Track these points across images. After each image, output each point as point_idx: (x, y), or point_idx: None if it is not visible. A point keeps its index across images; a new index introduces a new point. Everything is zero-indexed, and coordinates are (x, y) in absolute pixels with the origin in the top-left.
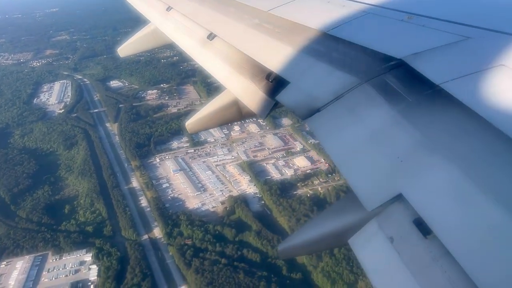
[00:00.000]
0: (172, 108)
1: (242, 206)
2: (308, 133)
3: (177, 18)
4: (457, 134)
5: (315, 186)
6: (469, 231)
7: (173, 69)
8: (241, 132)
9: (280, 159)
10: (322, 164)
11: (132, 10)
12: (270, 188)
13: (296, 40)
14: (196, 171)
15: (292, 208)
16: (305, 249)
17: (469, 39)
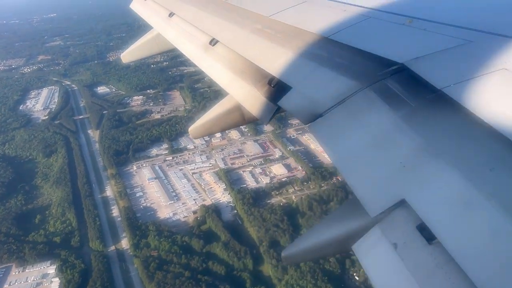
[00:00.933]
0: (156, 114)
1: (213, 216)
2: (288, 140)
3: (180, 24)
4: (460, 139)
5: (289, 194)
6: (474, 237)
7: (161, 74)
8: (222, 138)
9: (257, 167)
10: (299, 172)
11: (128, 15)
12: (244, 197)
13: (298, 45)
14: (172, 179)
15: (262, 218)
16: (308, 255)
17: (471, 42)
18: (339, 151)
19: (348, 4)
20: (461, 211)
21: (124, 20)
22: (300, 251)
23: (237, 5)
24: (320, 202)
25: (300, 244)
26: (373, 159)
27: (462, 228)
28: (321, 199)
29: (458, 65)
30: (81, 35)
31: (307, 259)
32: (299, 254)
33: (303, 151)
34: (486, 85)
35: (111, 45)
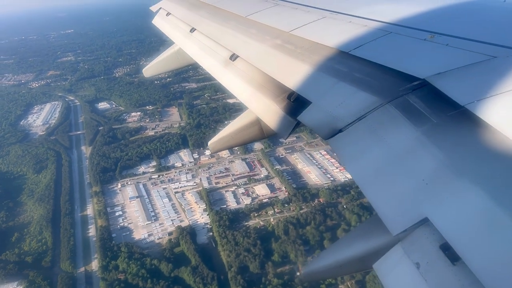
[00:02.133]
0: (150, 131)
1: (186, 238)
2: (276, 159)
3: (201, 39)
4: (484, 156)
5: (269, 217)
6: (500, 258)
7: (162, 90)
8: (210, 156)
9: (241, 187)
10: (282, 192)
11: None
12: (220, 218)
13: (318, 60)
14: (154, 198)
15: (235, 241)
16: (328, 273)
17: (494, 58)
18: (360, 167)
19: (368, 20)
20: (486, 230)
21: (136, 36)
22: (320, 269)
23: (257, 21)
24: (296, 226)
25: (320, 261)
26: (394, 176)
27: (488, 248)
28: (298, 223)
29: (481, 81)
30: (92, 50)
31: (326, 277)
32: (319, 272)
33: (290, 171)
34: (511, 102)
35: (119, 61)
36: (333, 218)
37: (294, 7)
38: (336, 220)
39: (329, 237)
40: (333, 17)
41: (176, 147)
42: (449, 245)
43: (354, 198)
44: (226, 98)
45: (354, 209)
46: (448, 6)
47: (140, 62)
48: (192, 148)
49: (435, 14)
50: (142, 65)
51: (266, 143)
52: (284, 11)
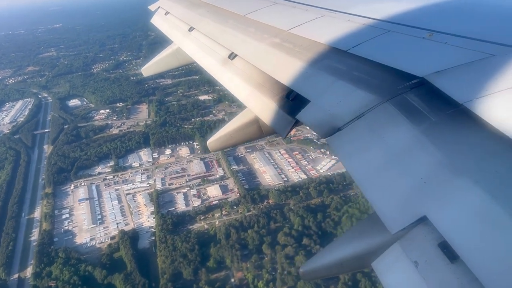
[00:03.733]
0: (115, 129)
1: (126, 243)
2: (235, 158)
3: (199, 38)
4: (483, 154)
5: (215, 219)
6: (499, 257)
7: (136, 87)
8: (170, 156)
9: (194, 188)
10: (234, 193)
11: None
12: (164, 222)
13: (316, 59)
14: (104, 200)
15: (174, 246)
16: (327, 271)
17: (493, 56)
18: (358, 166)
19: (367, 18)
20: (485, 229)
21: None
22: (319, 267)
23: (256, 19)
24: (239, 229)
25: (318, 260)
26: (393, 175)
27: (487, 247)
28: (241, 226)
29: (480, 79)
30: (76, 45)
31: (325, 275)
32: (317, 270)
33: (246, 171)
34: (509, 99)
35: (100, 56)
36: (277, 220)
37: (293, 5)
38: (280, 223)
39: (269, 241)
40: (332, 15)
41: (137, 146)
42: (447, 244)
43: (302, 199)
44: (198, 95)
45: (299, 211)
46: (446, 4)
47: (120, 57)
48: (153, 147)
49: (433, 12)
50: (121, 60)
51: None
52: (283, 9)
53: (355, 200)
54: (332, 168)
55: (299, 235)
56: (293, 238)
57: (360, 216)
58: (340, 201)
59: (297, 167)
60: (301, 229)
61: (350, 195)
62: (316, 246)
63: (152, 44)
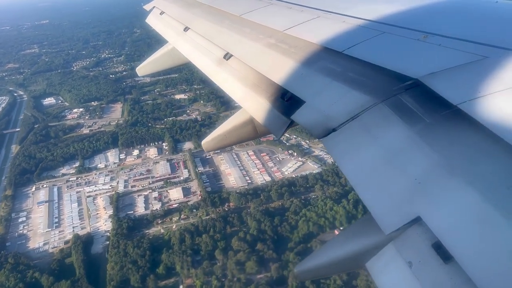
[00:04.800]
0: (85, 129)
1: (79, 248)
2: (202, 160)
3: (194, 38)
4: (476, 156)
5: (172, 223)
6: (492, 257)
7: (114, 85)
8: (137, 157)
9: (156, 190)
10: (196, 196)
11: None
12: (120, 226)
13: (311, 60)
14: (64, 203)
15: (125, 251)
16: (321, 272)
17: (486, 58)
18: (353, 166)
19: (362, 19)
20: (478, 229)
21: (108, 27)
22: (313, 268)
23: (251, 20)
24: (194, 234)
25: (313, 260)
26: (387, 175)
27: (480, 247)
28: (197, 231)
29: (474, 81)
30: (59, 42)
31: (319, 276)
32: (312, 271)
33: (211, 172)
34: (503, 101)
35: (82, 53)
36: (234, 225)
37: (288, 6)
38: (237, 227)
39: (223, 246)
40: (327, 16)
41: (105, 147)
42: (441, 244)
43: (262, 202)
44: (175, 94)
45: (256, 215)
46: (441, 6)
47: (102, 55)
48: (121, 148)
49: (428, 14)
50: (103, 58)
51: (196, 143)
52: (278, 10)
53: (315, 203)
54: (298, 170)
55: (253, 240)
56: (247, 243)
57: (317, 220)
58: (299, 204)
59: (262, 169)
60: (256, 233)
61: (310, 198)
62: (269, 251)
63: (136, 41)
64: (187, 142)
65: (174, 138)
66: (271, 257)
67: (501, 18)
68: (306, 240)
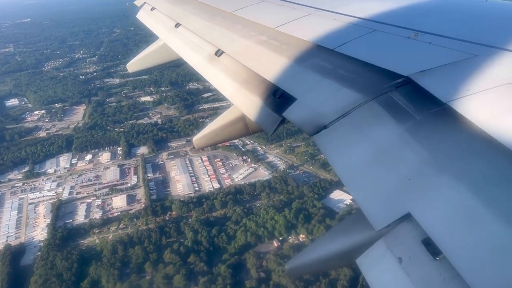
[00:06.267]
0: (43, 132)
1: (6, 259)
2: (155, 165)
3: (186, 35)
4: (466, 153)
5: (109, 233)
6: (480, 253)
7: (81, 86)
8: (89, 162)
9: (100, 197)
10: (140, 204)
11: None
12: (54, 235)
13: (303, 57)
14: (4, 210)
15: (52, 264)
16: (312, 268)
17: (476, 56)
18: (344, 163)
19: (353, 17)
20: (467, 226)
21: (88, 27)
22: (304, 264)
23: (243, 17)
24: (127, 245)
25: (304, 257)
26: (378, 172)
27: (468, 243)
28: (131, 242)
29: (463, 79)
30: (35, 42)
31: (310, 272)
32: (303, 267)
33: (160, 179)
34: (492, 99)
35: (57, 53)
36: (170, 235)
37: (280, 3)
38: (174, 238)
39: (154, 258)
40: (319, 14)
41: (59, 151)
42: (431, 240)
43: (205, 211)
44: (141, 96)
45: (194, 225)
46: (431, 5)
47: (76, 55)
48: (75, 152)
49: (419, 12)
50: (76, 58)
51: (151, 147)
52: (270, 7)
53: (257, 212)
54: (249, 177)
55: (187, 251)
56: (179, 255)
57: (256, 230)
58: (241, 213)
59: (213, 176)
60: (191, 245)
61: (255, 206)
62: (201, 264)
63: (113, 42)
64: (142, 147)
65: (129, 143)
66: (201, 270)
67: (490, 17)
68: (242, 251)
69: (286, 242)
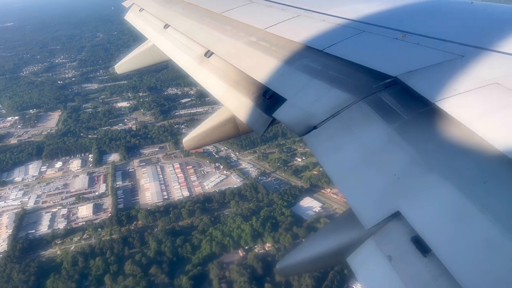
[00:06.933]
0: (14, 139)
1: None
2: (125, 173)
3: (175, 36)
4: (453, 151)
5: (72, 244)
6: (468, 249)
7: (58, 92)
8: (59, 169)
9: (66, 207)
10: (107, 214)
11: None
12: (14, 247)
13: (292, 58)
14: None
15: (9, 277)
16: (303, 267)
17: (462, 57)
18: (334, 163)
19: (342, 18)
20: (455, 223)
21: (71, 31)
22: (295, 264)
23: (232, 18)
24: (88, 256)
25: (294, 256)
26: (367, 171)
27: (456, 240)
28: (92, 253)
29: (450, 79)
30: (16, 46)
31: (301, 272)
32: (294, 267)
33: (129, 187)
34: (478, 98)
35: (37, 58)
36: (134, 246)
37: (269, 5)
38: (138, 248)
39: (115, 269)
40: (308, 15)
41: (28, 159)
42: (420, 238)
43: (171, 220)
44: (118, 102)
45: (159, 235)
46: (419, 6)
47: (56, 60)
48: (45, 160)
49: (406, 14)
50: (56, 63)
51: (122, 155)
52: (259, 8)
53: (224, 221)
54: (220, 184)
55: (149, 263)
56: (141, 266)
57: (221, 239)
58: (208, 222)
59: (184, 183)
60: (153, 256)
61: (223, 215)
62: (162, 275)
63: (95, 46)
64: (114, 154)
65: (101, 150)
66: (162, 282)
67: (475, 18)
68: (206, 262)
69: (252, 252)
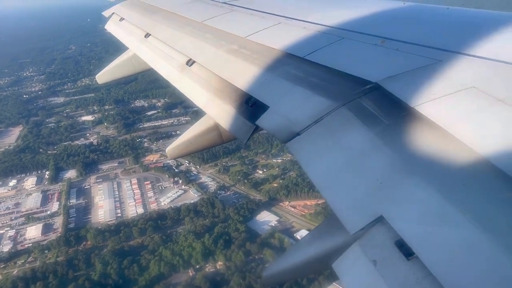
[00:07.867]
0: None
1: None
2: (79, 190)
3: (156, 45)
4: (434, 155)
5: (15, 268)
6: (450, 252)
7: (22, 106)
8: (13, 188)
9: (14, 228)
10: (57, 234)
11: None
12: None
13: (274, 65)
14: None
15: None
16: (289, 275)
17: (440, 62)
18: (317, 169)
19: (322, 25)
20: (437, 226)
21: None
22: (281, 271)
23: (213, 26)
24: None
25: (280, 264)
26: (350, 177)
27: (439, 243)
28: (34, 277)
29: (429, 83)
30: None
31: (287, 279)
32: (279, 274)
33: (83, 205)
34: (456, 102)
35: (4, 71)
36: (79, 268)
37: (250, 13)
38: (83, 271)
39: None
40: (288, 23)
41: None
42: (403, 241)
43: (121, 240)
44: (83, 115)
45: (106, 256)
46: (397, 12)
47: (25, 73)
48: None
49: (385, 20)
50: (24, 76)
51: (79, 171)
52: (240, 17)
53: (176, 239)
54: (177, 200)
55: (92, 286)
56: None
57: (171, 259)
58: (159, 241)
59: (139, 200)
60: (98, 278)
61: (176, 233)
62: None
63: (65, 59)
64: (71, 170)
65: (57, 166)
66: None
67: (452, 24)
68: (154, 283)
69: (202, 271)
